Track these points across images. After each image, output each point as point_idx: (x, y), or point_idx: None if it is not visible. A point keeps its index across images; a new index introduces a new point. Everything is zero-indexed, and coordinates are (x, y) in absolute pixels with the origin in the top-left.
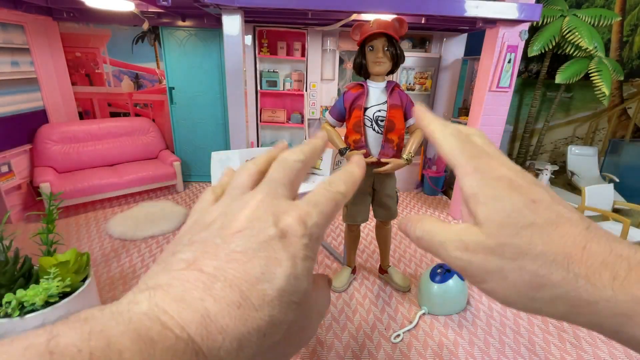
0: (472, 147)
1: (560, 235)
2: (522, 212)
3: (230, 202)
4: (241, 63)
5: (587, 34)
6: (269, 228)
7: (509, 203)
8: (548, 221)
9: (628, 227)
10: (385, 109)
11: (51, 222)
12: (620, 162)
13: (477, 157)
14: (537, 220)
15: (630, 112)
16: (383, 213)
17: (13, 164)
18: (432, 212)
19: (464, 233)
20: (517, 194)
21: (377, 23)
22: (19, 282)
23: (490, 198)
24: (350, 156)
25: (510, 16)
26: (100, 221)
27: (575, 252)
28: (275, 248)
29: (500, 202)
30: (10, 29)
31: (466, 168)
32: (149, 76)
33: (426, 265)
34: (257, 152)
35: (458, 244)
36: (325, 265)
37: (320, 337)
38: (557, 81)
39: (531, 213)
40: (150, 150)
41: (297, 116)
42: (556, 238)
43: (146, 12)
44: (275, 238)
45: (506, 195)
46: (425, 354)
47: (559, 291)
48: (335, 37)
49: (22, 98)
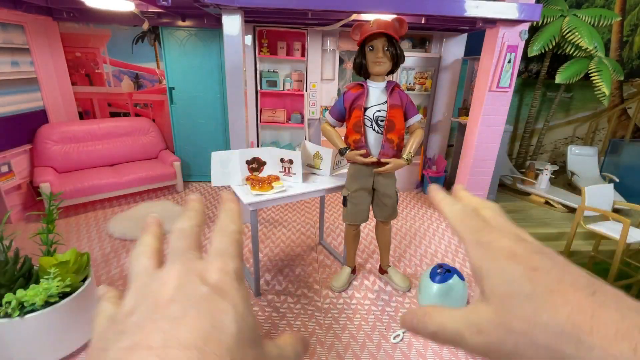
0: (476, 221)
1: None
2: (521, 282)
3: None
4: (241, 63)
5: (587, 34)
6: (200, 287)
7: (509, 273)
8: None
9: (628, 227)
10: (385, 109)
11: (51, 222)
12: (620, 162)
13: (479, 231)
14: (537, 289)
15: (630, 112)
16: (383, 213)
17: (13, 164)
18: (432, 212)
19: (473, 315)
20: (515, 264)
21: (377, 23)
22: (19, 282)
23: (491, 271)
24: (351, 156)
25: (510, 16)
26: (100, 221)
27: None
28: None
29: (501, 274)
30: (10, 29)
31: (469, 243)
32: (149, 76)
33: (426, 265)
34: (256, 152)
35: (472, 328)
36: (325, 265)
37: (320, 337)
38: (557, 81)
39: (529, 282)
40: (150, 150)
41: (297, 116)
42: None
43: (146, 12)
44: (210, 293)
45: (505, 266)
46: (425, 354)
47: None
48: (335, 37)
49: (22, 98)
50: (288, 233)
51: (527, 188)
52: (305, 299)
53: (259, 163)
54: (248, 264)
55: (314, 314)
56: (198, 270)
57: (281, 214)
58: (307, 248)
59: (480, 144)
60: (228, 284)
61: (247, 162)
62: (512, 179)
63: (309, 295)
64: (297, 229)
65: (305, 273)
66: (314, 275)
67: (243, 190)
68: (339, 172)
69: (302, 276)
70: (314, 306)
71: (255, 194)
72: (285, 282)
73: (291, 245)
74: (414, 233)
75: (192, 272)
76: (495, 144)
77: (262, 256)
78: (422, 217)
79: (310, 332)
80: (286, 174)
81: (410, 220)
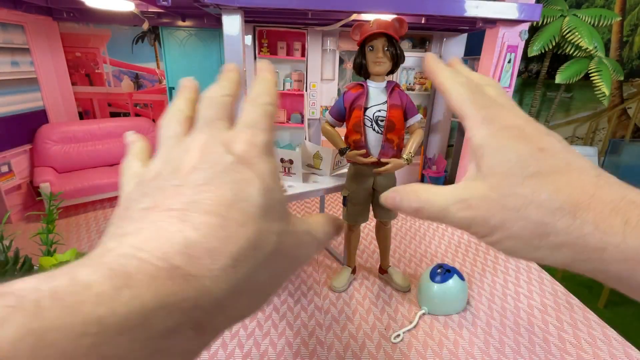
0: (482, 97)
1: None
2: (527, 161)
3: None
4: (241, 63)
5: (587, 34)
6: (224, 156)
7: (514, 152)
8: (555, 169)
9: None
10: (385, 109)
11: (51, 222)
12: (620, 162)
13: (487, 107)
14: (543, 169)
15: (630, 112)
16: (383, 213)
17: (13, 164)
18: None
19: (463, 191)
20: (523, 143)
21: (377, 23)
22: None
23: (495, 149)
24: (351, 156)
25: (510, 16)
26: (100, 221)
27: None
28: (239, 170)
29: (506, 152)
30: (10, 29)
31: (475, 119)
32: (149, 76)
33: (426, 265)
34: None
35: (461, 204)
36: (325, 265)
37: (320, 337)
38: (557, 81)
39: (537, 162)
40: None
41: (297, 116)
42: (563, 186)
43: (146, 12)
44: (235, 163)
45: (512, 144)
46: (425, 354)
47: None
48: (335, 37)
49: (22, 98)
50: None
51: None
52: (305, 299)
53: None
54: None
55: (314, 314)
56: (225, 139)
57: None
58: None
59: None
60: (255, 155)
61: None
62: None
63: (309, 295)
64: None
65: (305, 273)
66: (314, 275)
67: None
68: (339, 172)
69: (302, 276)
70: (314, 306)
71: None
72: (285, 282)
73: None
74: (414, 233)
75: (218, 141)
76: None
77: None
78: None
79: (310, 332)
80: (286, 174)
81: (410, 220)
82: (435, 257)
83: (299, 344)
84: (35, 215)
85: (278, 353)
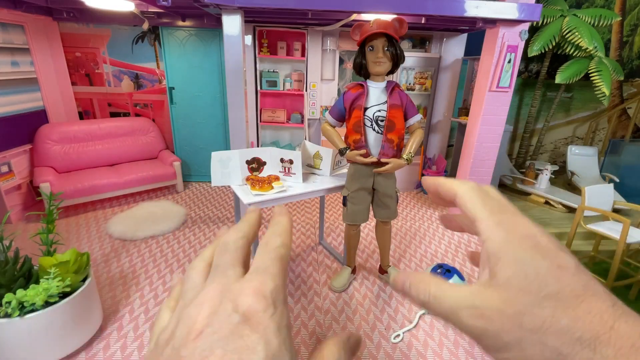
0: (492, 200)
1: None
2: (546, 280)
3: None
4: (241, 63)
5: (587, 34)
6: (231, 316)
7: (532, 267)
8: (574, 292)
9: (628, 227)
10: (385, 109)
11: (51, 222)
12: (620, 162)
13: (500, 213)
14: (563, 291)
15: (630, 112)
16: (383, 213)
17: (13, 164)
18: (432, 212)
19: (477, 298)
20: (541, 258)
21: (377, 23)
22: (19, 282)
23: (512, 259)
24: (351, 156)
25: (510, 16)
26: (100, 221)
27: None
28: (244, 334)
29: (523, 266)
30: (10, 29)
31: (488, 222)
32: (149, 76)
33: (426, 265)
34: (256, 152)
35: (472, 311)
36: (325, 265)
37: (320, 337)
38: (557, 81)
39: (556, 282)
40: (150, 150)
41: (297, 116)
42: (582, 313)
43: (146, 12)
44: (240, 324)
45: (530, 257)
46: (425, 354)
47: None
48: (335, 37)
49: (22, 98)
50: None
51: (527, 188)
52: (305, 299)
53: (259, 163)
54: None
55: (314, 314)
56: (234, 292)
57: None
58: (307, 248)
59: (480, 144)
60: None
61: (247, 162)
62: (512, 179)
63: (309, 295)
64: (297, 229)
65: (305, 273)
66: (314, 275)
67: (243, 190)
68: (339, 172)
69: (302, 276)
70: (314, 306)
71: (255, 194)
72: None
73: (291, 245)
74: (414, 233)
75: (227, 295)
76: (495, 144)
77: None
78: (422, 217)
79: (310, 332)
80: (286, 174)
81: (410, 220)
82: (435, 257)
83: (299, 344)
84: (35, 215)
85: None
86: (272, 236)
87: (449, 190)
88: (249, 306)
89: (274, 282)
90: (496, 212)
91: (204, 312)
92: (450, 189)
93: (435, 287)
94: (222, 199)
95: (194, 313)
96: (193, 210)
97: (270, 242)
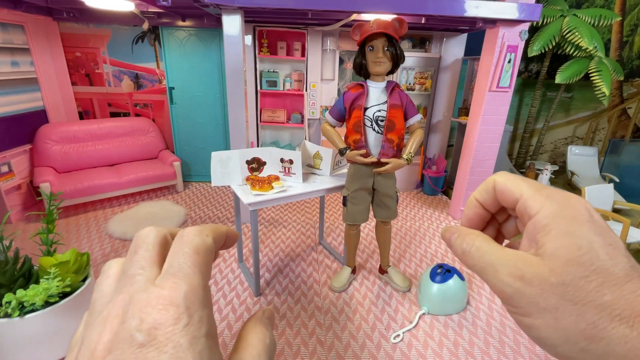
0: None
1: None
2: (598, 254)
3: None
4: (241, 63)
5: (587, 34)
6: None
7: (586, 240)
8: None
9: (628, 227)
10: (385, 109)
11: (51, 222)
12: (620, 162)
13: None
14: (614, 268)
15: (630, 112)
16: (383, 213)
17: (13, 164)
18: (432, 212)
19: (521, 261)
20: (595, 234)
21: (377, 23)
22: (19, 282)
23: (564, 231)
24: (351, 156)
25: (510, 16)
26: (100, 221)
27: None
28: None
29: (575, 239)
30: (10, 29)
31: (536, 197)
32: (149, 76)
33: (426, 265)
34: (256, 152)
35: (513, 269)
36: (325, 265)
37: (320, 337)
38: (557, 81)
39: (608, 258)
40: (150, 150)
41: (297, 116)
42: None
43: (146, 12)
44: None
45: (583, 232)
46: (425, 354)
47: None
48: (335, 37)
49: (22, 98)
50: (288, 233)
51: None
52: (305, 299)
53: (259, 163)
54: (248, 264)
55: (314, 314)
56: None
57: (281, 214)
58: (307, 248)
59: (480, 144)
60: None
61: (247, 162)
62: None
63: (309, 295)
64: (297, 229)
65: (305, 273)
66: (314, 275)
67: (243, 190)
68: (339, 172)
69: (302, 276)
70: (314, 306)
71: (255, 194)
72: (285, 282)
73: (291, 245)
74: (414, 233)
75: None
76: (495, 144)
77: (262, 256)
78: (422, 217)
79: (310, 332)
80: (286, 174)
81: (410, 220)
82: (435, 257)
83: (299, 344)
84: (35, 215)
85: (278, 353)
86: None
87: (485, 190)
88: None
89: (188, 283)
90: (541, 189)
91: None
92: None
93: (481, 240)
94: (222, 199)
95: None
96: (193, 210)
97: (185, 234)
